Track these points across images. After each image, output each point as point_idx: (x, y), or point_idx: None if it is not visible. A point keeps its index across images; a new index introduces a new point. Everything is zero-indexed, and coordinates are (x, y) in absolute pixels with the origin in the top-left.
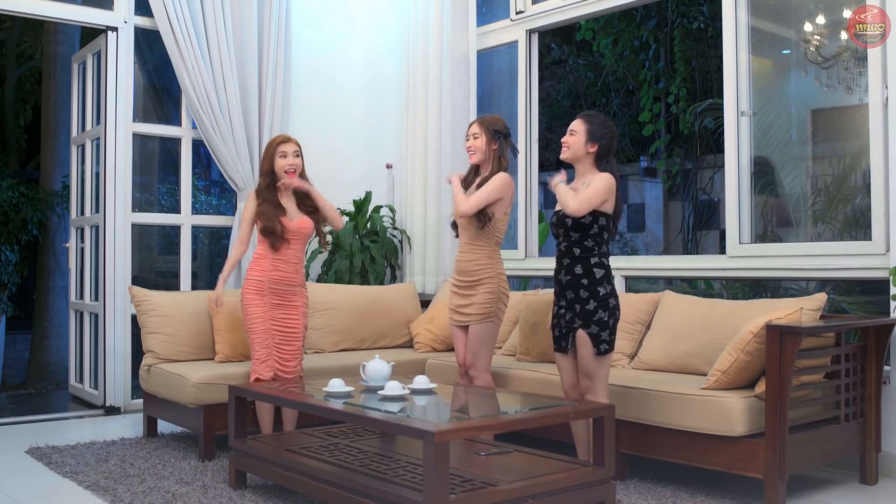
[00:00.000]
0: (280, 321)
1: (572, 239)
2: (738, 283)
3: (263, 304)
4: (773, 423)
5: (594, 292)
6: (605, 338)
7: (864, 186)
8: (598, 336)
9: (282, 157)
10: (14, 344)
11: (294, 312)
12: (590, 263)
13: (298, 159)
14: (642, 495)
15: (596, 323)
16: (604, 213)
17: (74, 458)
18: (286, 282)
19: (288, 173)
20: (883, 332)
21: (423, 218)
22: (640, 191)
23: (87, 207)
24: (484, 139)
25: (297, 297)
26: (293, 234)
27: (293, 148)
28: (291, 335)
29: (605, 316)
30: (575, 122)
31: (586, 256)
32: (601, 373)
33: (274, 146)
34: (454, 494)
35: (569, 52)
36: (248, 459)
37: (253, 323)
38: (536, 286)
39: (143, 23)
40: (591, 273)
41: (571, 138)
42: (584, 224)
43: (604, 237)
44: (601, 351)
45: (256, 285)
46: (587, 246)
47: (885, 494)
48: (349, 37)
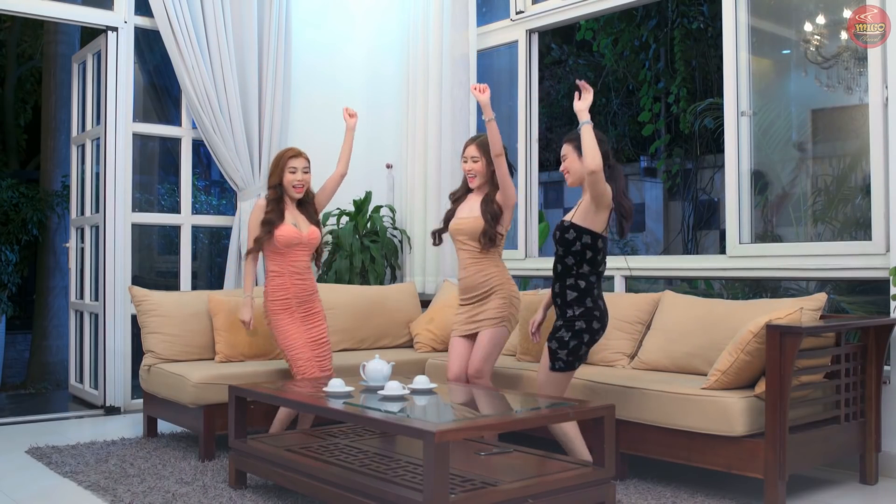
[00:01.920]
0: (312, 334)
1: (558, 253)
2: (738, 283)
3: (294, 321)
4: (773, 423)
5: (563, 313)
6: (562, 356)
7: (864, 186)
8: (555, 352)
9: (291, 173)
10: (14, 344)
11: (319, 323)
12: (565, 283)
13: (307, 175)
14: (642, 495)
15: (557, 339)
16: (589, 231)
17: (74, 458)
18: (307, 292)
19: (296, 188)
20: (883, 332)
21: (423, 218)
22: (640, 191)
23: (87, 207)
24: (483, 162)
25: (317, 304)
26: (304, 245)
27: (303, 164)
28: (323, 345)
29: (566, 336)
30: (563, 148)
31: (564, 276)
32: (548, 389)
33: (285, 160)
34: (454, 494)
35: (569, 52)
36: (248, 459)
37: (291, 340)
38: (536, 286)
39: (143, 23)
40: (564, 293)
41: (567, 163)
42: (567, 239)
43: (585, 256)
44: (554, 367)
45: (283, 304)
46: (567, 264)
47: (885, 494)
48: (349, 37)
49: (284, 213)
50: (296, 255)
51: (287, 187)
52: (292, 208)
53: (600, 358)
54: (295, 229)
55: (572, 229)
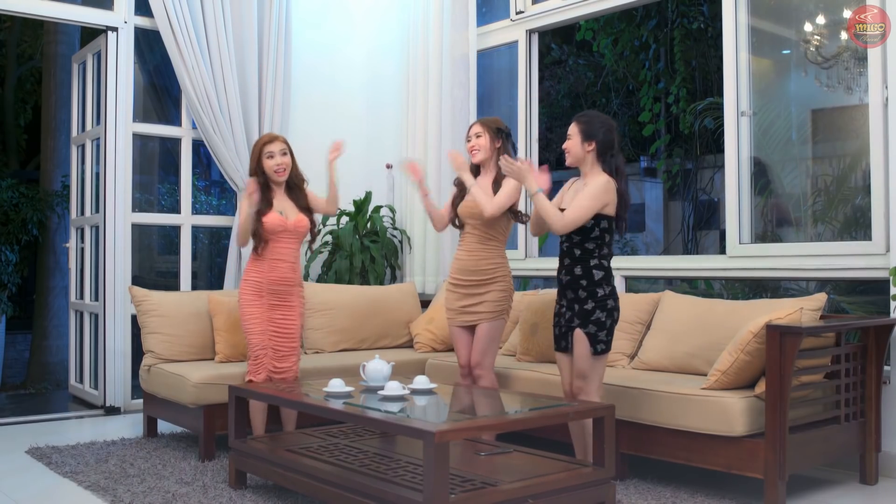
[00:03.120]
0: (277, 322)
1: (574, 240)
2: (738, 283)
3: (261, 305)
4: (773, 423)
5: (592, 293)
6: (602, 338)
7: (864, 186)
8: (595, 336)
9: (269, 158)
10: (14, 344)
11: (290, 313)
12: (589, 265)
13: (286, 157)
14: (642, 495)
15: (594, 322)
16: (605, 216)
17: (74, 458)
18: (284, 281)
19: (277, 172)
20: (883, 332)
21: (423, 218)
22: (640, 191)
23: (87, 207)
24: (487, 137)
25: (294, 297)
26: (289, 233)
27: (279, 147)
28: (287, 335)
29: (602, 316)
30: (570, 126)
31: (586, 258)
32: (596, 373)
33: (259, 147)
34: (454, 494)
35: (569, 52)
36: (248, 459)
37: (250, 324)
38: (536, 286)
39: (143, 23)
40: (591, 274)
41: (569, 142)
42: (585, 227)
43: (605, 239)
44: (597, 351)
45: (255, 286)
46: (588, 248)
47: (885, 494)
48: (349, 37)
49: (272, 201)
50: (280, 242)
51: (269, 173)
52: (281, 195)
53: None
54: (280, 217)
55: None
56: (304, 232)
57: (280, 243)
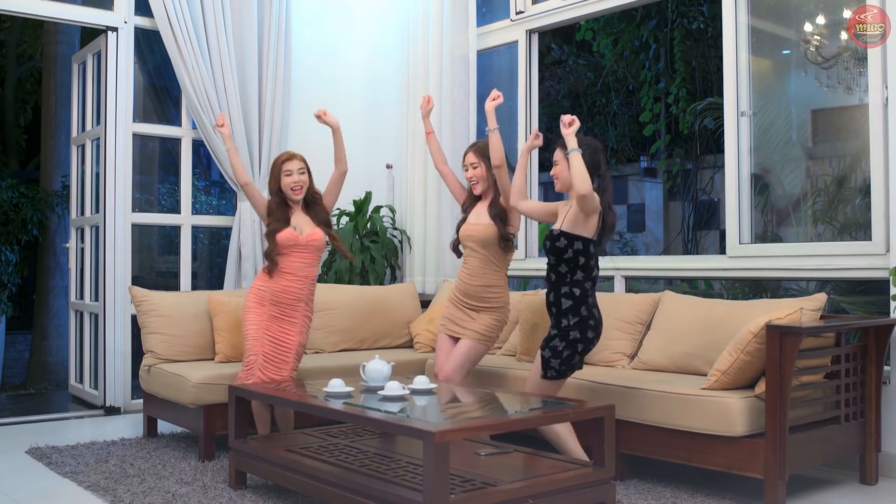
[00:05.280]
0: (273, 334)
1: (550, 262)
2: (738, 283)
3: (261, 314)
4: (773, 424)
5: (557, 323)
6: (554, 366)
7: (864, 187)
8: (547, 361)
9: (287, 176)
10: (14, 344)
11: (290, 328)
12: (560, 293)
13: (304, 176)
14: (642, 495)
15: (551, 348)
16: (580, 237)
17: (74, 458)
18: (289, 294)
19: (294, 190)
20: (883, 332)
21: (423, 218)
22: (640, 191)
23: (87, 207)
24: (483, 167)
25: (297, 313)
26: (301, 247)
27: (297, 165)
28: (283, 349)
29: (560, 346)
30: (555, 153)
31: (558, 285)
32: (542, 391)
33: (279, 165)
34: (454, 494)
35: (569, 53)
36: (248, 459)
37: (248, 329)
38: (536, 286)
39: (143, 23)
40: (559, 303)
41: (556, 168)
42: (558, 248)
43: (579, 262)
44: (546, 375)
45: (258, 294)
46: (560, 272)
47: (885, 494)
48: (349, 37)
49: (290, 219)
50: (291, 256)
51: (286, 191)
52: (298, 212)
53: (600, 358)
54: (293, 232)
55: (563, 237)
56: (317, 246)
57: (291, 258)
